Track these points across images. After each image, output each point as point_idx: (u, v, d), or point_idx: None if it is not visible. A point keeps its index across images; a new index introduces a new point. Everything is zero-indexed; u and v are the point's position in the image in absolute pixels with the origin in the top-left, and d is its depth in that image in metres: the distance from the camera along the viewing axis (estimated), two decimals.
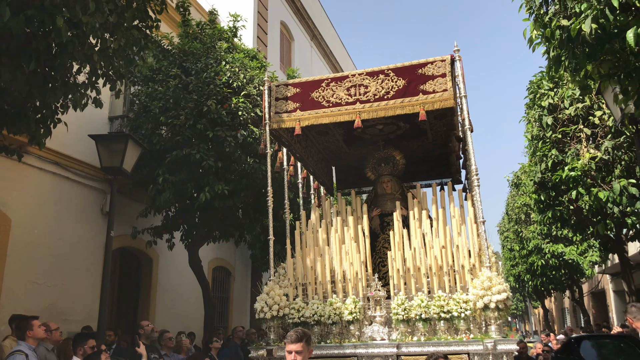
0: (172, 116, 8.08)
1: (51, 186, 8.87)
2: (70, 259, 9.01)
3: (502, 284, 5.05)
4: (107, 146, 7.02)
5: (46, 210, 8.70)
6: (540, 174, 7.99)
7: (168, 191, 8.22)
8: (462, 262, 5.55)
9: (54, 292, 8.66)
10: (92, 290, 9.52)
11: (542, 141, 7.87)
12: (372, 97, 5.94)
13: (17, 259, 8.06)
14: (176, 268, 11.60)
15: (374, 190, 7.60)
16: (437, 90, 5.66)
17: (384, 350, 5.24)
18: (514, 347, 4.91)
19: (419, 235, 5.92)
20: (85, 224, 9.47)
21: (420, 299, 5.33)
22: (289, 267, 6.27)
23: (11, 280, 7.94)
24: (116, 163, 6.95)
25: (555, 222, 8.90)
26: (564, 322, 30.16)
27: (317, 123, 6.21)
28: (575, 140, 7.47)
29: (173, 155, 8.05)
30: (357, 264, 5.95)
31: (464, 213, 6.15)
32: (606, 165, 7.06)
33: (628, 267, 9.16)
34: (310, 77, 6.61)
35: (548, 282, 17.13)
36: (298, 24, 20.77)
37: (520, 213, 15.98)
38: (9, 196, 8.06)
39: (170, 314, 11.26)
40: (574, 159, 7.15)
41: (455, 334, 5.26)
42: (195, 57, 8.57)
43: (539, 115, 7.78)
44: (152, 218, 9.78)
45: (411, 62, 5.93)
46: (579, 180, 7.14)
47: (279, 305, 5.83)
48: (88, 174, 9.56)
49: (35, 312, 7.06)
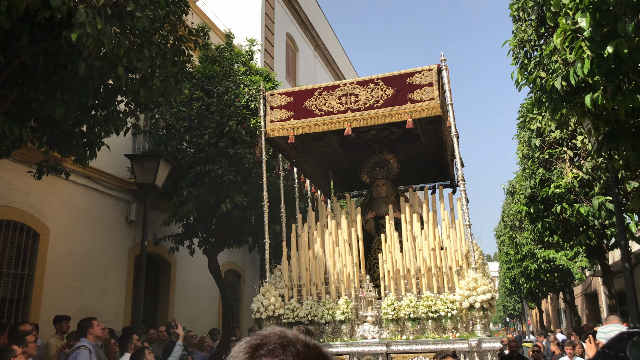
0: (196, 135, 8.90)
1: (83, 198, 9.68)
2: (99, 265, 9.82)
3: (487, 284, 5.19)
4: (141, 164, 7.82)
5: (78, 220, 9.52)
6: (530, 189, 8.82)
7: (191, 203, 9.02)
8: (450, 264, 5.70)
9: (86, 294, 9.46)
10: (119, 293, 10.35)
11: (532, 160, 8.72)
12: (362, 105, 6.05)
13: (55, 265, 8.87)
14: (192, 272, 12.40)
15: (369, 194, 7.78)
16: (424, 99, 5.77)
17: (374, 349, 5.39)
18: (498, 345, 5.06)
19: (409, 238, 6.07)
20: (111, 232, 10.29)
21: (409, 300, 5.48)
22: (284, 269, 6.43)
23: (50, 284, 8.75)
24: (149, 179, 7.74)
25: (544, 231, 9.73)
26: (560, 323, 30.97)
27: (310, 132, 6.36)
28: (560, 160, 8.31)
29: (197, 170, 8.86)
30: (350, 266, 6.11)
31: (454, 216, 6.34)
32: (587, 183, 7.89)
33: (609, 273, 10.01)
34: (304, 86, 6.95)
35: (542, 284, 17.97)
36: (302, 35, 21.46)
37: (515, 220, 16.82)
38: (48, 208, 8.87)
39: (186, 314, 12.06)
40: (559, 178, 8.00)
41: (443, 333, 5.41)
42: (216, 80, 9.37)
43: (528, 137, 8.63)
44: (173, 226, 10.58)
45: (400, 72, 6.04)
46: (564, 196, 7.98)
47: (275, 306, 5.98)
48: (114, 186, 10.38)
49: (70, 313, 7.88)
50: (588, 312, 23.87)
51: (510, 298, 35.79)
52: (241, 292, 14.86)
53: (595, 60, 3.57)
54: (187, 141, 9.07)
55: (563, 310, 29.80)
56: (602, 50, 3.46)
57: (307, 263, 6.31)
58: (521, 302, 32.90)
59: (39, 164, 7.00)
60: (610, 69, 3.66)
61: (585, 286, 23.52)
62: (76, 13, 4.29)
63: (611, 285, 10.00)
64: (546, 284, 18.00)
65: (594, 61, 3.57)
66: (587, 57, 3.59)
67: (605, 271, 9.85)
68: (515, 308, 39.32)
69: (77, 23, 4.31)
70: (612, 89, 3.83)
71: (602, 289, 20.85)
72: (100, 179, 10.01)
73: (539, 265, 15.91)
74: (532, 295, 22.73)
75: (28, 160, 8.08)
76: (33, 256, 8.59)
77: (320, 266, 6.28)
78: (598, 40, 3.43)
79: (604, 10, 3.30)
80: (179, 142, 9.20)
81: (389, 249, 6.03)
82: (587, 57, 3.59)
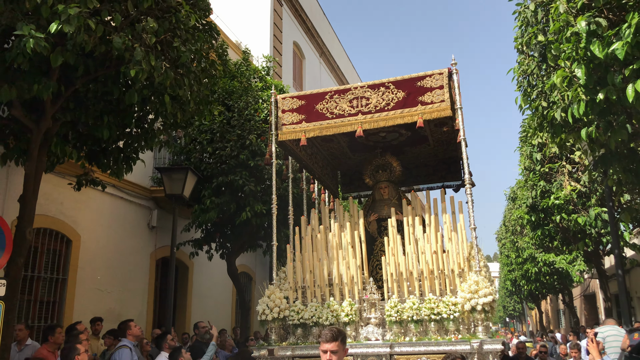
0: (218, 147, 9.49)
1: (109, 206, 10.26)
2: (124, 268, 10.39)
3: (488, 287, 5.25)
4: (169, 176, 8.40)
5: (105, 227, 10.10)
6: (532, 199, 9.42)
7: (213, 211, 9.61)
8: (452, 267, 5.76)
9: (112, 297, 10.04)
10: (142, 295, 10.93)
11: (533, 172, 9.32)
12: (373, 108, 6.14)
13: (85, 269, 9.45)
14: (208, 275, 13.00)
15: (372, 196, 7.84)
16: (434, 101, 5.87)
17: (377, 350, 5.44)
18: (499, 347, 5.12)
19: (412, 240, 6.12)
20: (135, 238, 10.87)
21: (412, 302, 5.52)
22: (289, 271, 6.47)
23: (81, 287, 9.33)
24: (177, 190, 8.33)
25: (544, 238, 10.33)
26: (559, 323, 31.57)
27: (321, 134, 6.47)
28: (560, 173, 8.91)
29: (219, 180, 9.45)
30: (354, 268, 6.15)
31: (456, 219, 6.38)
32: (585, 195, 8.49)
33: (604, 277, 10.62)
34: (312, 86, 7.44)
35: (541, 287, 18.58)
36: (308, 43, 22.00)
37: (516, 225, 17.44)
38: (79, 215, 9.45)
39: (202, 315, 12.62)
40: (559, 190, 8.60)
41: (445, 335, 5.46)
42: (236, 95, 9.97)
43: (529, 151, 9.24)
44: (192, 232, 11.16)
45: (410, 75, 6.13)
46: (563, 207, 8.58)
47: (280, 308, 6.02)
48: (137, 194, 10.95)
49: (99, 315, 8.44)
50: (587, 313, 24.45)
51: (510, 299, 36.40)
52: (252, 294, 15.43)
53: (589, 103, 4.17)
54: (209, 153, 9.66)
55: (562, 311, 30.39)
56: (595, 95, 4.06)
57: (311, 265, 6.35)
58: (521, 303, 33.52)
59: (78, 177, 7.60)
60: (602, 109, 4.25)
61: (584, 288, 24.11)
62: (133, 51, 4.87)
63: (607, 288, 10.61)
64: (546, 286, 18.62)
65: (588, 104, 4.17)
66: (582, 100, 4.19)
67: (602, 275, 10.47)
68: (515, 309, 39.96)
69: (134, 60, 4.89)
70: (603, 125, 4.45)
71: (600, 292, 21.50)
72: (124, 187, 10.59)
73: (539, 268, 16.54)
74: (532, 296, 23.34)
75: (62, 172, 8.66)
76: (66, 261, 9.16)
77: (323, 268, 6.32)
78: (591, 87, 4.03)
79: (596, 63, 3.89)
80: (201, 154, 9.79)
81: (391, 252, 6.06)
82: (582, 100, 4.19)
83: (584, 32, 3.88)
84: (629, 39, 3.59)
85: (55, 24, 4.30)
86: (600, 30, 3.85)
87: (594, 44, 3.81)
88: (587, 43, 3.88)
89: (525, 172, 9.64)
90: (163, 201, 11.31)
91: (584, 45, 3.92)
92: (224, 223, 10.67)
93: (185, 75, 5.83)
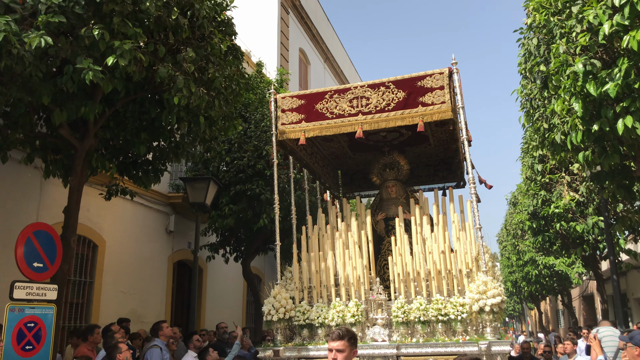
0: (236, 157, 10.03)
1: (131, 212, 10.79)
2: (144, 271, 10.92)
3: (497, 288, 5.20)
4: (193, 186, 8.93)
5: (127, 232, 10.63)
6: (533, 207, 9.98)
7: (231, 217, 10.14)
8: (460, 267, 5.69)
9: (134, 299, 10.56)
10: (160, 297, 11.46)
11: (534, 182, 9.89)
12: (373, 108, 6.06)
13: (109, 272, 9.98)
14: (221, 277, 13.53)
15: (379, 195, 7.77)
16: (435, 102, 5.78)
17: (384, 351, 5.36)
18: (507, 349, 5.07)
19: (419, 240, 6.04)
20: (154, 242, 11.41)
21: (419, 302, 5.45)
22: (295, 271, 6.42)
23: (106, 290, 9.86)
24: (200, 199, 8.86)
25: (544, 243, 10.89)
26: (558, 323, 32.14)
27: (321, 134, 6.42)
28: (559, 183, 9.47)
29: (237, 188, 9.98)
30: (360, 268, 6.08)
31: (464, 218, 6.35)
32: (583, 204, 9.03)
33: (601, 281, 11.19)
34: (315, 89, 7.06)
35: (541, 288, 19.17)
36: (313, 49, 22.50)
37: (517, 229, 18.02)
38: (104, 222, 9.98)
39: (216, 315, 13.15)
40: (558, 199, 9.16)
41: (452, 336, 5.39)
42: (252, 107, 10.50)
43: (531, 162, 9.81)
44: (207, 237, 11.69)
45: (411, 75, 6.04)
46: (562, 215, 9.13)
47: (285, 308, 5.95)
48: (156, 200, 11.49)
49: (122, 316, 8.94)
50: (585, 314, 25.01)
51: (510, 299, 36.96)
52: (262, 294, 15.95)
53: (585, 132, 4.71)
54: (227, 163, 10.19)
55: (561, 312, 30.97)
56: (590, 126, 4.60)
57: (317, 265, 6.29)
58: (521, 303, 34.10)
59: (109, 187, 8.14)
60: (597, 137, 4.79)
61: (583, 289, 24.66)
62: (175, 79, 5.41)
63: (603, 291, 11.19)
64: (545, 288, 19.21)
65: (584, 133, 4.72)
66: (580, 129, 4.73)
67: (599, 278, 11.04)
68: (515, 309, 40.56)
69: (175, 87, 5.43)
70: (598, 150, 5.00)
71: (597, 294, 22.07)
72: (145, 194, 11.12)
73: (540, 270, 17.12)
74: (532, 297, 23.91)
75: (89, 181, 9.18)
76: (93, 265, 9.70)
77: (330, 268, 6.25)
78: (587, 119, 4.58)
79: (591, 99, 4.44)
80: (219, 163, 10.32)
81: (398, 252, 5.99)
82: (579, 129, 4.73)
83: (581, 72, 4.42)
84: (619, 81, 4.14)
85: (112, 58, 4.82)
86: (595, 70, 4.39)
87: (590, 83, 4.36)
88: (583, 82, 4.43)
89: (527, 182, 10.24)
90: (180, 206, 11.87)
91: (580, 84, 4.47)
92: (238, 227, 11.19)
93: (216, 97, 6.37)
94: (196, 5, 5.77)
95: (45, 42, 4.48)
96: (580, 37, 4.46)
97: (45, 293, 5.64)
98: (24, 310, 5.36)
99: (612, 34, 4.13)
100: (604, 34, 4.13)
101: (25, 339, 5.33)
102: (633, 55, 4.10)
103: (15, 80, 5.10)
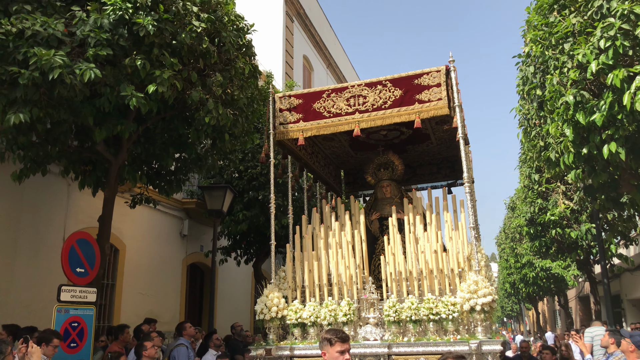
0: (250, 166, 10.59)
1: (148, 217, 11.34)
2: (160, 274, 11.47)
3: (488, 287, 5.17)
4: (210, 194, 9.49)
5: (145, 236, 11.18)
6: (530, 214, 10.57)
7: (244, 223, 10.71)
8: (452, 266, 5.68)
9: (151, 300, 11.11)
10: (175, 298, 12.01)
11: (531, 190, 10.48)
12: (370, 107, 6.08)
13: (129, 275, 10.52)
14: (231, 279, 14.08)
15: (374, 195, 7.79)
16: (432, 99, 5.78)
17: (376, 350, 5.37)
18: (498, 348, 5.05)
19: (412, 239, 6.02)
20: (169, 245, 11.96)
21: (411, 302, 5.44)
22: (288, 271, 6.43)
23: (126, 292, 10.40)
24: (217, 206, 9.42)
25: (541, 248, 11.48)
26: (555, 323, 32.75)
27: (319, 134, 6.45)
28: (555, 192, 10.06)
29: (250, 195, 10.54)
30: (353, 268, 6.10)
31: (457, 218, 6.34)
32: (577, 212, 9.62)
33: (594, 283, 11.78)
34: (312, 88, 7.16)
35: (538, 289, 19.80)
36: (317, 55, 23.02)
37: (515, 233, 18.64)
38: (124, 227, 10.53)
39: (226, 316, 13.69)
40: (554, 207, 9.75)
41: (444, 335, 5.39)
42: (264, 119, 11.05)
43: (528, 172, 10.40)
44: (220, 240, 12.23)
45: (407, 73, 6.05)
46: (558, 222, 9.71)
47: (278, 307, 5.96)
48: (171, 205, 12.04)
49: (141, 317, 9.45)
50: (581, 314, 25.61)
51: (508, 300, 37.61)
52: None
53: (576, 155, 5.29)
54: (240, 171, 10.76)
55: (558, 312, 31.59)
56: (580, 149, 5.18)
57: (310, 264, 6.28)
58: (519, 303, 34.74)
59: (134, 196, 8.70)
60: (587, 158, 5.38)
61: (579, 290, 25.28)
62: (205, 102, 5.97)
63: (596, 293, 11.78)
64: (543, 289, 19.83)
65: (575, 155, 5.30)
66: (571, 152, 5.31)
67: (592, 281, 11.62)
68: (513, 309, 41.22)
69: (205, 109, 5.99)
70: (587, 170, 5.58)
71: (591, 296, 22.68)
72: (161, 200, 11.68)
73: (537, 273, 17.74)
74: (529, 298, 24.53)
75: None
76: (114, 268, 10.25)
77: (323, 267, 6.24)
78: (578, 142, 5.16)
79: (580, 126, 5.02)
80: (233, 172, 10.89)
81: (391, 251, 5.98)
82: (571, 152, 5.31)
83: (572, 103, 5.00)
84: (604, 112, 4.72)
85: (153, 86, 5.39)
86: (584, 100, 4.97)
87: (579, 112, 4.94)
88: (574, 111, 5.01)
89: (525, 189, 10.84)
90: (193, 212, 12.43)
91: (571, 112, 5.04)
92: (248, 232, 11.74)
93: (240, 115, 6.93)
94: (223, 33, 6.33)
95: (95, 75, 5.03)
96: (571, 72, 5.05)
97: (86, 296, 6.22)
98: (69, 311, 5.94)
99: (599, 71, 4.70)
100: (591, 71, 4.71)
101: (70, 337, 5.90)
102: (616, 90, 4.68)
103: (62, 103, 5.65)
